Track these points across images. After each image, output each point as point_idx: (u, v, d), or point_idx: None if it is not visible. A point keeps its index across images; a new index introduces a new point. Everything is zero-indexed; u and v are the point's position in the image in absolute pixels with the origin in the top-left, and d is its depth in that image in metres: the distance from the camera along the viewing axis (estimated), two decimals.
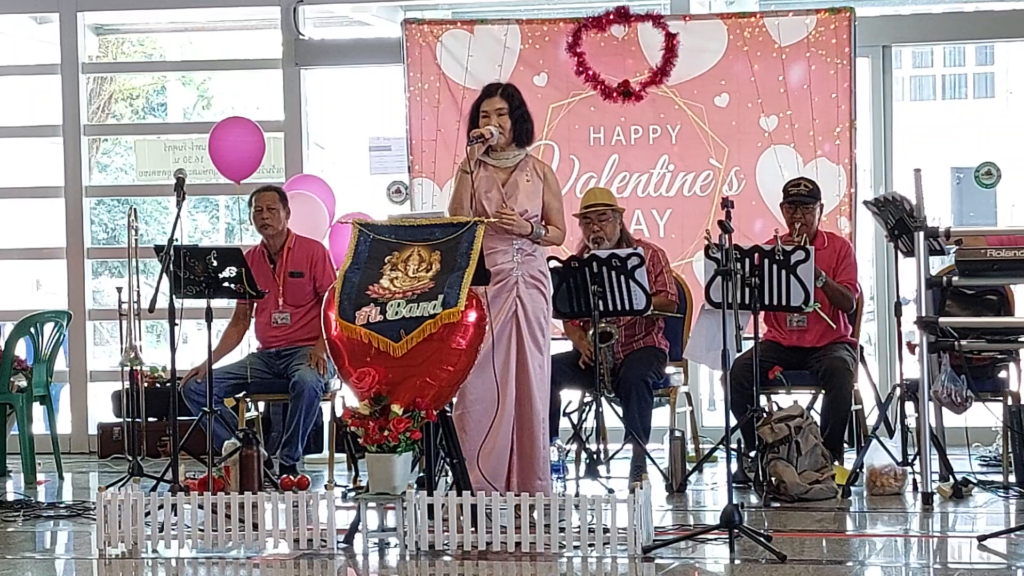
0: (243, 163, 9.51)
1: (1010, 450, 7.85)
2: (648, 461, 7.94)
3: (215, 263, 7.81)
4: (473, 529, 6.23)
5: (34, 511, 7.65)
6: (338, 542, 6.43)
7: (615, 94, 9.48)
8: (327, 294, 6.69)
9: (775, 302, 7.74)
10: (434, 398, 6.37)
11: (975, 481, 7.73)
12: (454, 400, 6.88)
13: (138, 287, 8.90)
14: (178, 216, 7.46)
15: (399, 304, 6.44)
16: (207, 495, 6.55)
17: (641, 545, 6.12)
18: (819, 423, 7.90)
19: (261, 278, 8.44)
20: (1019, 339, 7.63)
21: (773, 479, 7.45)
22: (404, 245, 6.63)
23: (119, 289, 8.94)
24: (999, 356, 7.82)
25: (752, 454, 7.79)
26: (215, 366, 7.95)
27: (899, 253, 7.76)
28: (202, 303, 7.78)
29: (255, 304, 8.61)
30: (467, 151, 7.05)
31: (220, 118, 9.79)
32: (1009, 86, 19.81)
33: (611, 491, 7.09)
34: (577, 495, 6.48)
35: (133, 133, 12.88)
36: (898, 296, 8.04)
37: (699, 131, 9.48)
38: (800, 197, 8.19)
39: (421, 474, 6.70)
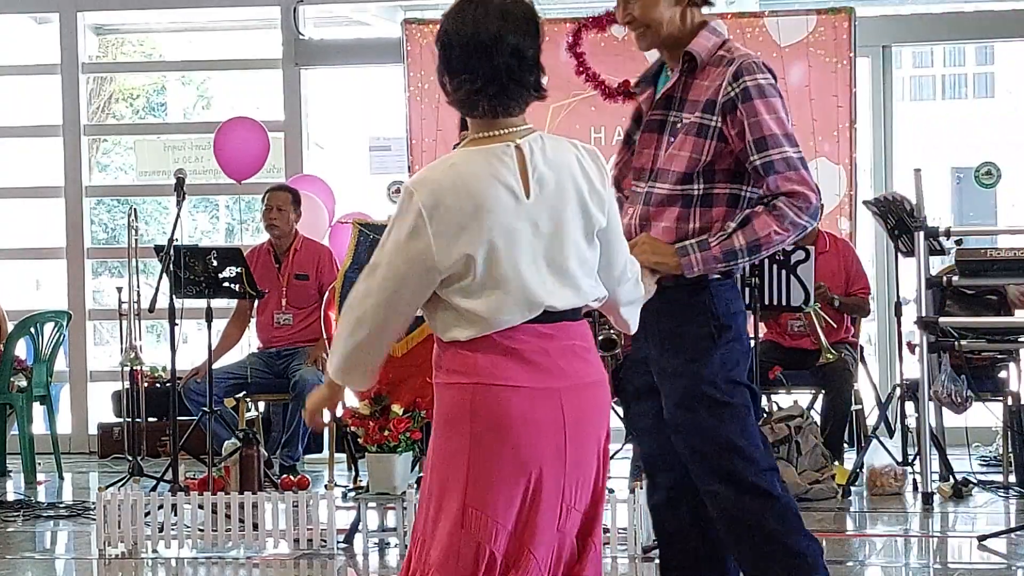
0: (247, 163, 9.51)
1: (1010, 450, 7.85)
2: None
3: (215, 263, 7.81)
4: None
5: (34, 511, 7.65)
6: (338, 542, 6.43)
7: (615, 94, 9.47)
8: (327, 294, 6.69)
9: (775, 302, 7.74)
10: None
11: (975, 481, 7.74)
12: None
13: (138, 287, 8.90)
14: (178, 216, 7.46)
15: None
16: (207, 495, 6.55)
17: (641, 545, 6.12)
18: (819, 423, 7.90)
19: (265, 277, 8.45)
20: (1019, 339, 7.64)
21: None
22: None
23: (119, 289, 8.94)
24: (999, 356, 7.82)
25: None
26: (215, 366, 7.95)
27: (899, 253, 7.76)
28: (202, 303, 7.78)
29: (256, 302, 8.61)
30: None
31: (220, 118, 9.79)
32: (1009, 86, 19.81)
33: (611, 491, 7.08)
34: None
35: (133, 133, 12.87)
36: (898, 296, 8.05)
37: None
38: None
39: (421, 474, 6.69)
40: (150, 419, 9.57)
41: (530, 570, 3.32)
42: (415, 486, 6.32)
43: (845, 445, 8.15)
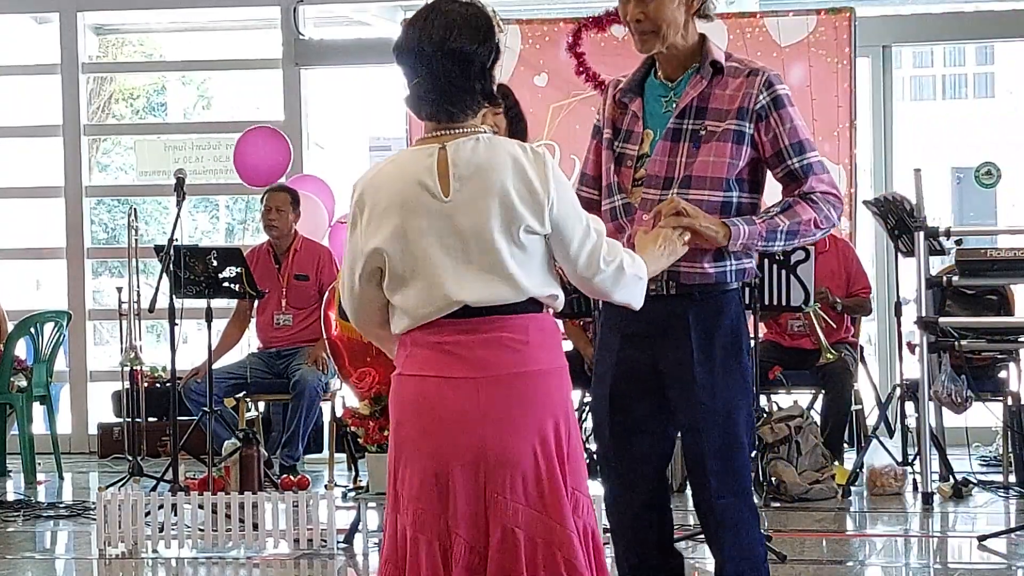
0: (269, 173, 9.50)
1: (1010, 450, 7.86)
2: None
3: (215, 263, 7.81)
4: None
5: (34, 511, 7.65)
6: (338, 542, 6.43)
7: None
8: (327, 294, 6.69)
9: (775, 302, 7.74)
10: None
11: (975, 481, 7.74)
12: None
13: (138, 287, 8.90)
14: (178, 216, 7.46)
15: None
16: (207, 495, 6.55)
17: None
18: (819, 423, 7.90)
19: (265, 277, 8.45)
20: (1019, 339, 7.64)
21: (773, 479, 7.45)
22: None
23: (119, 289, 8.94)
24: (999, 356, 7.83)
25: (752, 454, 7.78)
26: (215, 366, 7.95)
27: (899, 253, 7.76)
28: (202, 303, 7.78)
29: (256, 302, 8.61)
30: None
31: (220, 118, 9.79)
32: (1009, 86, 19.81)
33: None
34: None
35: (133, 133, 12.88)
36: (898, 296, 8.05)
37: None
38: None
39: None
40: (150, 419, 9.57)
41: (461, 551, 3.45)
42: None
43: (845, 445, 8.15)
